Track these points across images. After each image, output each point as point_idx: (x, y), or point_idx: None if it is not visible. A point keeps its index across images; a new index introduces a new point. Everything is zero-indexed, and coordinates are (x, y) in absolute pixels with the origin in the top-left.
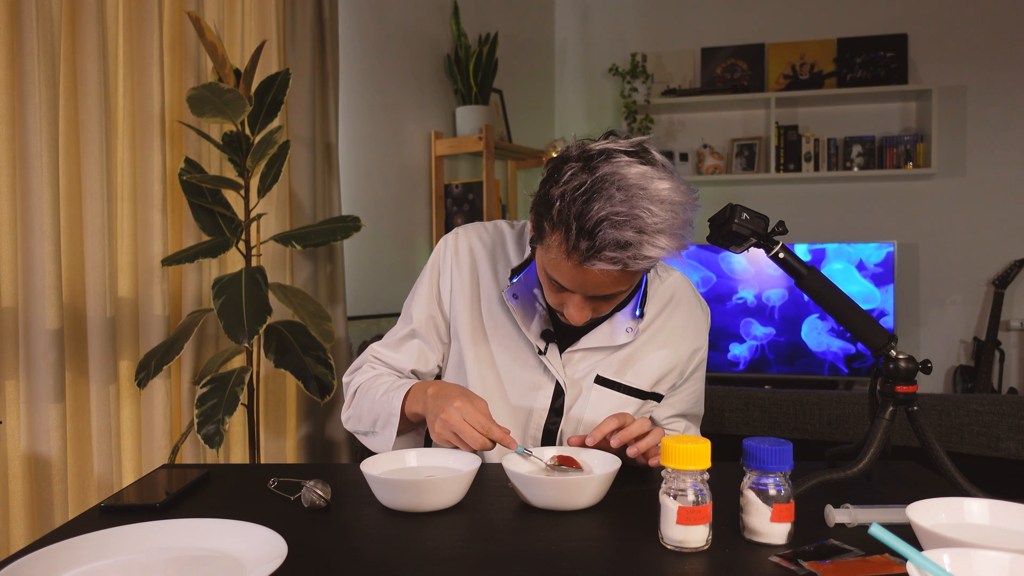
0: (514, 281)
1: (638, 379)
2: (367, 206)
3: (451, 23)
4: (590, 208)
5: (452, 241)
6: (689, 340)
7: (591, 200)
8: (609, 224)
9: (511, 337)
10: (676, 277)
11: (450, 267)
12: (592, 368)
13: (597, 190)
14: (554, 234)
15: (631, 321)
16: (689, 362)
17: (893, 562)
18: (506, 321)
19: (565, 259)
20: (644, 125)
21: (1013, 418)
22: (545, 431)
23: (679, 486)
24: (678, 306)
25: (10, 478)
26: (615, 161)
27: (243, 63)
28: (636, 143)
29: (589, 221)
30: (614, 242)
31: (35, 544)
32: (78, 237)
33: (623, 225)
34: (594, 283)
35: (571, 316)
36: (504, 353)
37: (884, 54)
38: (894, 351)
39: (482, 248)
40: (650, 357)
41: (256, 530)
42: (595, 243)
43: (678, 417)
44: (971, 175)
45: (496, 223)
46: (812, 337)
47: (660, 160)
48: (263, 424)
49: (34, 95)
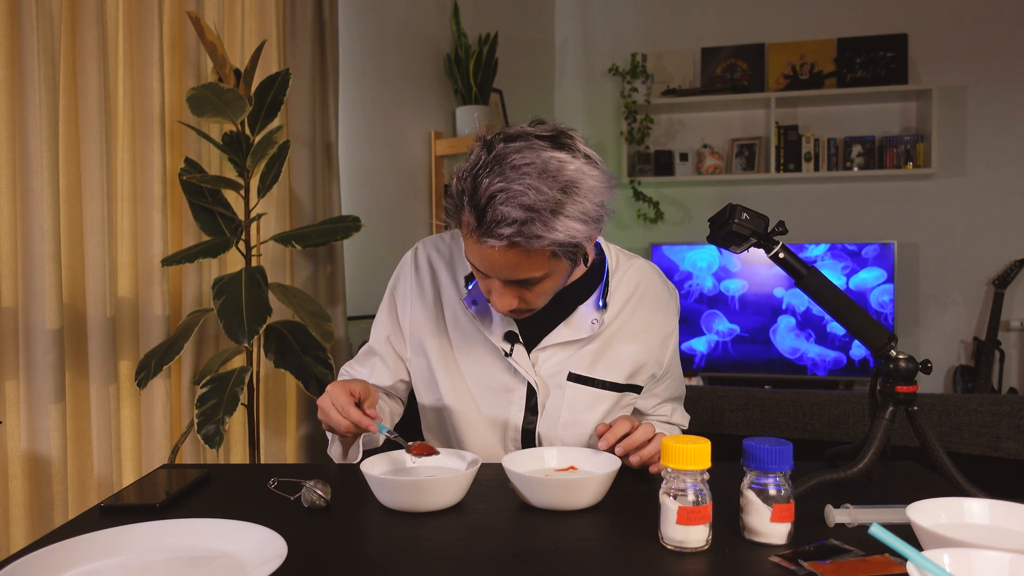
0: (470, 287)
1: (610, 372)
2: (367, 206)
3: (451, 23)
4: (480, 183)
5: (411, 257)
6: (659, 327)
7: (482, 176)
8: (499, 200)
9: (477, 344)
10: (640, 264)
11: (410, 284)
12: (562, 365)
13: (491, 167)
14: (460, 214)
15: (595, 313)
16: (663, 350)
17: (893, 562)
18: (471, 329)
19: (468, 237)
20: (644, 125)
21: (1013, 418)
22: (523, 431)
23: (679, 486)
24: (645, 293)
25: (10, 478)
26: (521, 143)
27: (243, 63)
28: (556, 129)
29: (482, 197)
30: (503, 218)
31: (35, 544)
32: (78, 237)
33: (510, 201)
34: (501, 265)
35: (495, 303)
36: (472, 361)
37: (884, 54)
38: (894, 351)
39: (440, 259)
40: (621, 349)
41: (256, 530)
42: (486, 218)
43: (664, 403)
44: (971, 175)
45: (455, 232)
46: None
47: (581, 148)
48: (263, 424)
49: (34, 95)
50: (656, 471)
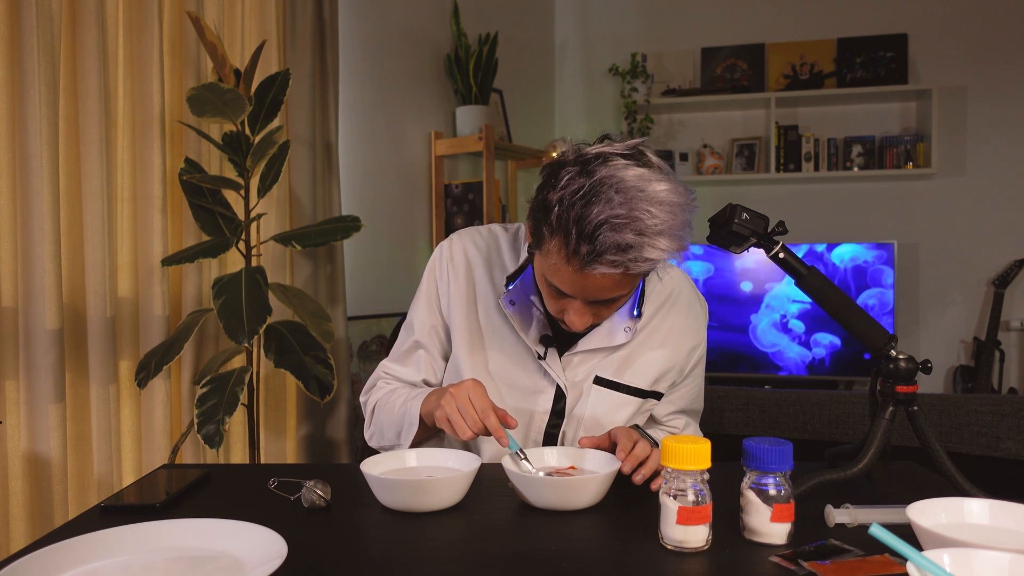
0: (510, 288)
1: (637, 378)
2: (367, 206)
3: (451, 23)
4: (589, 212)
5: (447, 248)
6: (688, 337)
7: (590, 204)
8: (609, 227)
9: (509, 342)
10: (674, 274)
11: (447, 273)
12: (591, 369)
13: (595, 193)
14: (553, 239)
15: (629, 321)
16: (688, 359)
17: (893, 562)
18: (503, 326)
19: (565, 264)
20: (644, 125)
21: (1013, 418)
22: (546, 434)
23: (679, 486)
24: (676, 303)
25: (10, 478)
26: (612, 164)
27: (243, 63)
28: (632, 146)
29: (589, 225)
30: (614, 245)
31: (35, 544)
32: (78, 237)
33: (623, 228)
34: (595, 288)
35: (572, 323)
36: (503, 358)
37: (884, 54)
38: (894, 351)
39: (477, 254)
40: (648, 356)
41: (256, 530)
42: (595, 247)
43: (678, 413)
44: (971, 175)
45: (491, 227)
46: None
47: (656, 162)
48: (263, 424)
49: (34, 95)
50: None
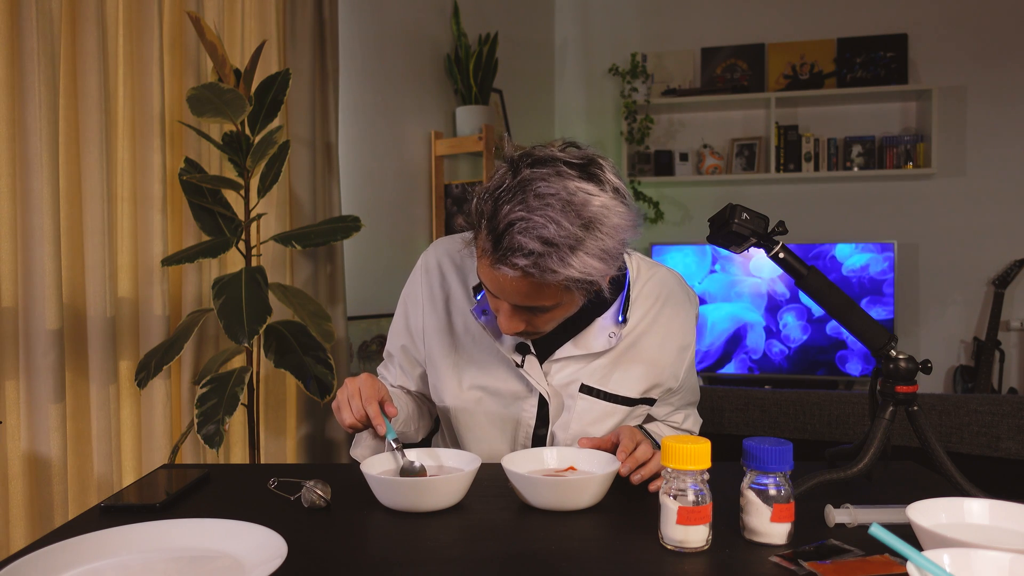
0: (479, 297)
1: (623, 386)
2: (367, 206)
3: (451, 23)
4: (500, 209)
5: (422, 261)
6: (676, 339)
7: (504, 202)
8: (517, 229)
9: (488, 351)
10: (662, 274)
11: (420, 289)
12: (575, 376)
13: (514, 192)
14: (478, 233)
15: (614, 326)
16: (680, 362)
17: (893, 562)
18: (482, 335)
19: (481, 258)
20: (644, 125)
21: (1013, 418)
22: (535, 441)
23: (679, 486)
24: (665, 305)
25: (10, 478)
26: (549, 169)
27: (243, 63)
28: (588, 158)
29: (500, 223)
30: (519, 248)
31: (35, 544)
32: (78, 237)
33: (528, 232)
34: (511, 290)
35: (501, 325)
36: (483, 368)
37: (884, 54)
38: (894, 351)
39: (450, 263)
40: (636, 363)
41: (256, 530)
42: (502, 244)
43: (677, 410)
44: (971, 175)
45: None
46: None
47: (609, 180)
48: (263, 424)
49: (34, 95)
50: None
